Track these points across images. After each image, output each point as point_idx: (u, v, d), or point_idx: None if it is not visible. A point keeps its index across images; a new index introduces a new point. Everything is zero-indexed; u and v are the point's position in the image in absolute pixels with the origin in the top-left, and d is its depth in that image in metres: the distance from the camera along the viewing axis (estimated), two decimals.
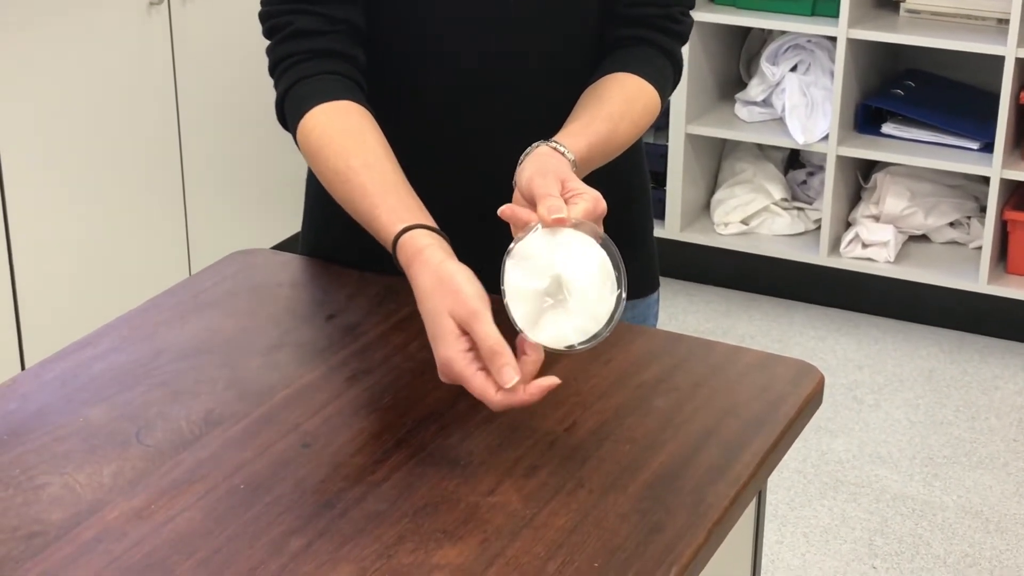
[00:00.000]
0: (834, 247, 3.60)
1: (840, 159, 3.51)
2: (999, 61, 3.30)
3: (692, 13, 1.56)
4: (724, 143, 3.83)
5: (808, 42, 3.60)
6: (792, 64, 3.61)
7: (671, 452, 1.23)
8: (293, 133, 1.41)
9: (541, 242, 1.22)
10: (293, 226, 3.44)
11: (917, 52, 3.63)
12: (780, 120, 3.61)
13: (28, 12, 2.78)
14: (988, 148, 3.39)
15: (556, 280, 1.20)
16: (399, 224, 1.28)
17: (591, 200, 1.25)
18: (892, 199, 3.56)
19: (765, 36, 3.75)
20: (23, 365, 2.88)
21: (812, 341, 3.53)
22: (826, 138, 3.51)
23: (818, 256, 3.59)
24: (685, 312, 3.66)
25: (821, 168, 3.70)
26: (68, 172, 2.95)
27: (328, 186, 1.37)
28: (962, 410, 3.23)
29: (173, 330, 1.42)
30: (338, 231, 1.46)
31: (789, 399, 1.32)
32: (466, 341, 1.20)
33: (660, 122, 3.60)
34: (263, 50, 1.47)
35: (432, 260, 1.24)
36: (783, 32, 3.61)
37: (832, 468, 3.01)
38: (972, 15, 3.42)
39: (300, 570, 1.07)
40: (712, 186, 3.82)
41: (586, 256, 1.21)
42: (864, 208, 3.62)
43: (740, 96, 3.69)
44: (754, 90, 3.65)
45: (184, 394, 1.31)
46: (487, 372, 1.19)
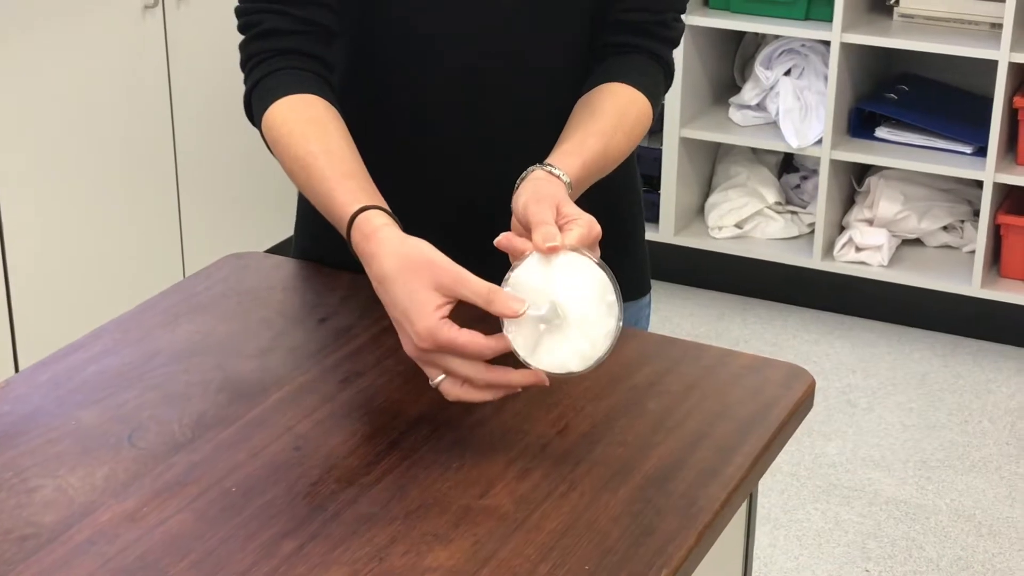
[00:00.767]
0: (828, 251, 3.60)
1: (834, 163, 3.52)
2: (992, 65, 3.31)
3: (686, 17, 1.57)
4: (718, 147, 3.83)
5: (802, 46, 3.61)
6: (786, 68, 3.61)
7: (663, 455, 1.23)
8: (258, 126, 1.43)
9: (537, 269, 1.22)
10: (286, 229, 3.44)
11: (910, 56, 3.64)
12: (774, 124, 3.61)
13: (22, 15, 2.78)
14: (981, 152, 3.40)
15: (553, 307, 1.20)
16: (354, 205, 1.29)
17: (585, 225, 1.25)
18: (885, 203, 3.56)
19: (759, 40, 3.75)
20: (16, 367, 2.88)
21: (805, 345, 3.53)
22: (820, 142, 3.52)
23: (812, 260, 3.59)
24: (679, 315, 3.66)
25: (815, 172, 3.70)
26: (62, 175, 2.95)
27: (289, 173, 1.38)
28: (955, 414, 3.23)
29: (166, 333, 1.42)
30: (330, 234, 1.47)
31: (780, 402, 1.32)
32: (443, 312, 1.20)
33: (654, 126, 3.57)
34: None
35: (391, 239, 1.25)
36: (777, 36, 3.62)
37: (825, 472, 3.01)
38: (965, 19, 3.43)
39: (292, 572, 1.07)
40: (706, 190, 3.83)
41: (582, 281, 1.22)
42: (858, 212, 3.62)
43: (734, 100, 3.70)
44: (748, 94, 3.66)
45: (177, 397, 1.31)
46: (468, 330, 1.19)
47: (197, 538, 1.11)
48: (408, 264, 1.22)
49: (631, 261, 1.64)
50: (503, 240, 1.25)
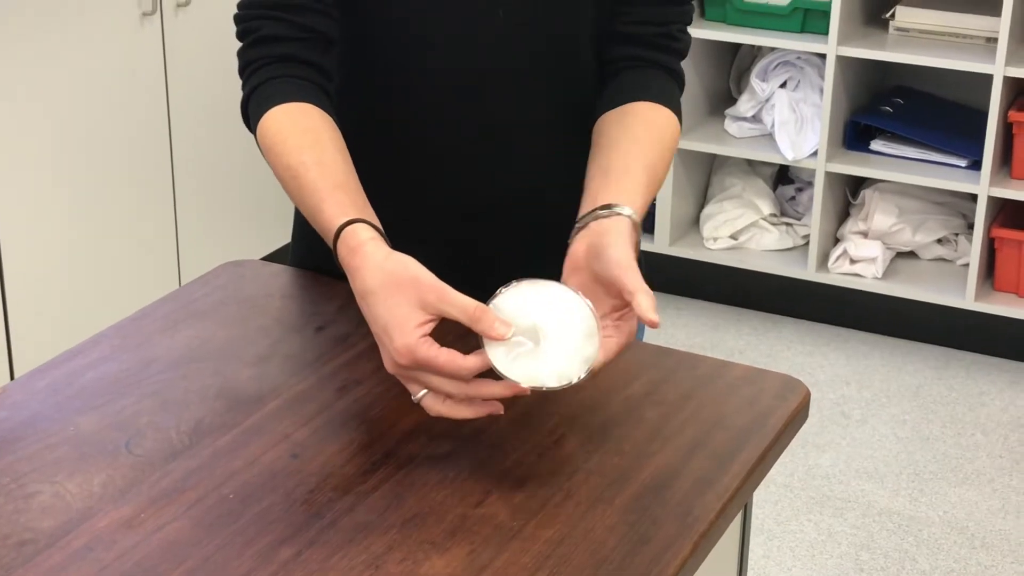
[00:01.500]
0: (822, 263, 3.61)
1: (829, 175, 3.53)
2: (987, 79, 3.32)
3: None
4: (714, 158, 3.84)
5: (798, 59, 3.62)
6: (782, 80, 3.62)
7: (659, 464, 1.24)
8: (254, 132, 1.42)
9: (524, 294, 1.22)
10: (283, 237, 3.44)
11: (906, 70, 3.65)
12: (769, 136, 3.62)
13: (20, 21, 2.79)
14: (976, 166, 3.41)
15: (535, 328, 1.20)
16: (342, 218, 1.28)
17: (625, 341, 1.25)
18: (880, 215, 3.57)
19: (755, 52, 3.76)
20: (12, 375, 2.88)
21: (800, 356, 3.54)
22: (815, 154, 3.52)
23: (806, 271, 3.60)
24: (674, 326, 3.67)
25: (810, 184, 3.71)
26: (59, 181, 2.95)
27: (280, 181, 1.38)
28: (948, 426, 3.24)
29: (164, 340, 1.43)
30: (327, 243, 1.47)
31: (776, 413, 1.32)
32: (424, 330, 1.19)
33: None
34: None
35: (375, 254, 1.24)
36: (773, 49, 3.63)
37: (819, 483, 3.02)
38: (961, 33, 3.44)
39: None
40: (701, 201, 3.83)
41: (566, 309, 1.21)
42: (852, 224, 3.63)
43: (730, 112, 3.71)
44: (744, 106, 3.66)
45: (174, 404, 1.31)
46: (448, 349, 1.19)
47: (194, 545, 1.12)
48: (392, 280, 1.22)
49: None
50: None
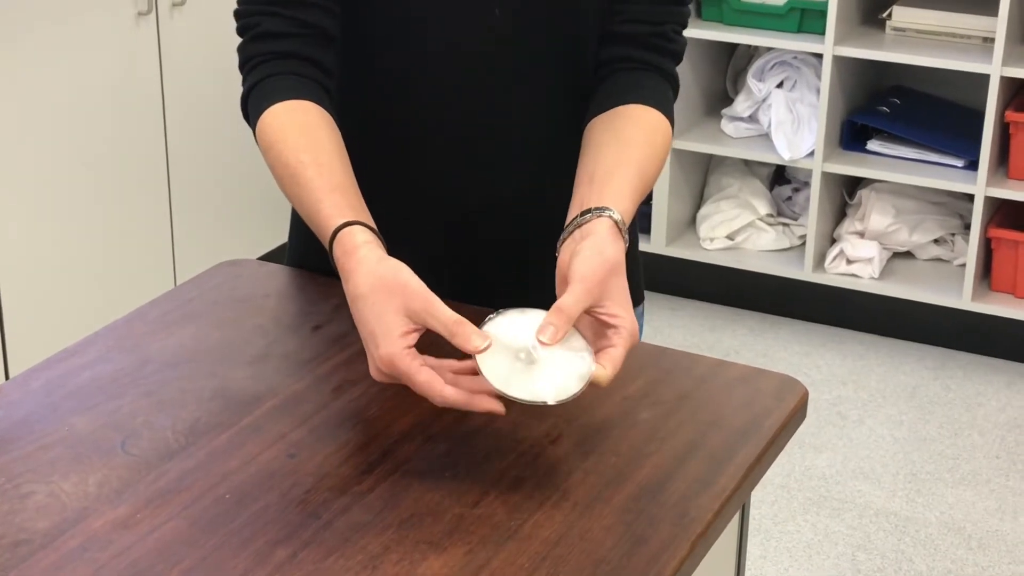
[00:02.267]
0: (819, 263, 3.61)
1: (825, 175, 3.53)
2: (984, 79, 3.32)
3: None
4: (710, 158, 3.84)
5: (794, 59, 3.62)
6: (778, 80, 3.62)
7: (655, 465, 1.23)
8: (253, 128, 1.42)
9: (516, 321, 1.23)
10: (279, 237, 3.44)
11: (903, 69, 3.65)
12: (766, 136, 3.62)
13: (16, 21, 2.78)
14: (973, 166, 3.41)
15: (528, 349, 1.20)
16: (339, 219, 1.28)
17: (626, 341, 1.23)
18: (877, 216, 3.57)
19: (751, 52, 3.76)
20: (7, 374, 2.87)
21: (796, 356, 3.54)
22: (812, 154, 3.52)
23: (803, 272, 3.60)
24: (670, 326, 3.67)
25: (806, 184, 3.71)
26: (54, 181, 2.94)
27: (278, 180, 1.37)
28: (945, 427, 3.24)
29: (159, 340, 1.42)
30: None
31: (773, 413, 1.32)
32: (409, 340, 1.20)
33: None
34: None
35: (369, 258, 1.24)
36: (769, 48, 3.63)
37: (815, 484, 3.01)
38: (957, 33, 3.44)
39: None
40: (698, 201, 3.83)
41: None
42: (849, 224, 3.63)
43: (726, 112, 3.71)
44: (740, 106, 3.66)
45: (170, 404, 1.31)
46: (429, 369, 1.19)
47: (190, 545, 1.11)
48: (382, 285, 1.22)
49: (625, 271, 1.64)
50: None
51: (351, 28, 1.47)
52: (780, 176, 3.83)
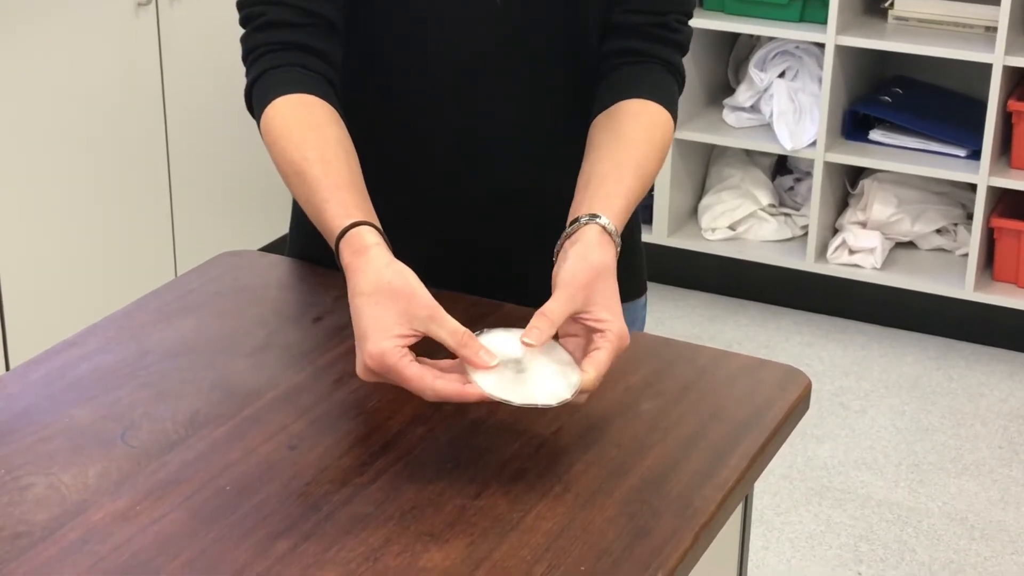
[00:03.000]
0: (821, 253, 3.60)
1: (827, 165, 3.52)
2: (987, 69, 3.31)
3: None
4: (712, 148, 3.83)
5: (796, 48, 3.61)
6: (780, 70, 3.61)
7: (658, 456, 1.23)
8: (258, 121, 1.40)
9: (500, 335, 1.23)
10: (280, 228, 3.44)
11: (905, 59, 3.64)
12: (768, 126, 3.62)
13: (15, 11, 2.78)
14: (975, 155, 3.40)
15: (517, 360, 1.20)
16: (347, 219, 1.27)
17: (613, 344, 1.23)
18: (879, 205, 3.56)
19: (753, 42, 3.75)
20: (7, 366, 2.87)
21: (798, 347, 3.53)
22: (814, 144, 3.52)
23: (805, 262, 3.59)
24: (672, 317, 3.66)
25: (808, 174, 3.70)
26: (54, 172, 2.94)
27: (283, 176, 1.36)
28: (948, 417, 3.23)
29: (159, 331, 1.42)
30: None
31: (776, 404, 1.32)
32: (403, 341, 1.18)
33: None
34: None
35: (378, 260, 1.23)
36: (771, 38, 3.62)
37: (818, 474, 3.01)
38: (960, 23, 3.43)
39: (286, 572, 1.07)
40: (700, 191, 3.83)
41: (544, 348, 1.22)
42: (851, 214, 3.63)
43: (728, 102, 3.70)
44: (742, 96, 3.65)
45: (170, 395, 1.30)
46: (419, 364, 1.18)
47: (191, 537, 1.11)
48: (387, 287, 1.20)
49: (628, 262, 1.63)
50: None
51: (351, 26, 1.46)
52: (782, 166, 3.82)
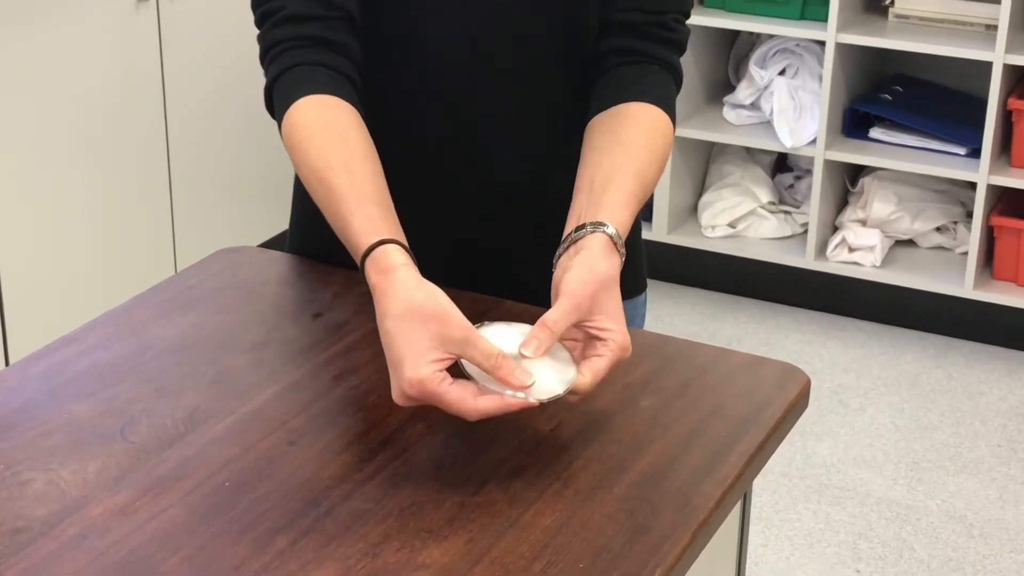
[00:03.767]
0: (821, 251, 3.60)
1: (828, 163, 3.52)
2: (987, 67, 3.31)
3: None
4: (712, 146, 3.83)
5: (796, 46, 3.61)
6: (780, 68, 3.61)
7: (657, 453, 1.23)
8: (279, 122, 1.37)
9: (499, 330, 1.23)
10: (280, 224, 3.44)
11: (905, 57, 3.64)
12: (768, 124, 3.62)
13: (15, 7, 2.77)
14: (975, 154, 3.40)
15: (515, 357, 1.20)
16: (373, 236, 1.24)
17: (615, 353, 1.22)
18: (879, 203, 3.56)
19: (754, 39, 3.75)
20: (7, 361, 2.87)
21: (798, 344, 3.53)
22: (814, 142, 3.52)
23: (805, 260, 3.59)
24: (672, 314, 3.66)
25: (808, 172, 3.70)
26: (54, 168, 2.94)
27: (305, 183, 1.33)
28: (947, 415, 3.24)
29: (159, 327, 1.42)
30: (325, 230, 1.46)
31: (775, 401, 1.32)
32: (440, 366, 1.17)
33: None
34: (251, 48, 1.45)
35: (407, 282, 1.20)
36: (772, 36, 3.62)
37: (817, 472, 3.01)
38: (960, 20, 3.43)
39: (285, 568, 1.07)
40: (699, 189, 3.83)
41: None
42: (851, 212, 3.63)
43: (728, 99, 3.70)
44: (742, 93, 3.65)
45: (169, 391, 1.30)
46: (458, 387, 1.17)
47: (190, 533, 1.11)
48: (419, 310, 1.18)
49: (628, 260, 1.63)
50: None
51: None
52: (782, 164, 3.82)
